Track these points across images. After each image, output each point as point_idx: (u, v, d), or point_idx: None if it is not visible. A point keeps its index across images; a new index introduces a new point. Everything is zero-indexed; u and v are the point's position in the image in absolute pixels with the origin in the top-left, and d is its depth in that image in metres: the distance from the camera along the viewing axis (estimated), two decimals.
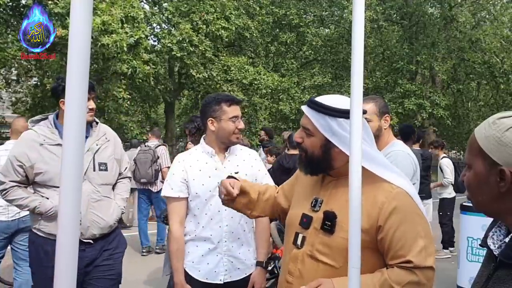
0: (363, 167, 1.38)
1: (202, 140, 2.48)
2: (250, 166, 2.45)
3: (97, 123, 2.71)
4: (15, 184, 2.56)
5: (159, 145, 6.81)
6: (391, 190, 1.53)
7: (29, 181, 2.59)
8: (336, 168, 1.62)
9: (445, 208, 7.45)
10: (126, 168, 2.83)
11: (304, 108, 1.63)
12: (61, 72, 11.41)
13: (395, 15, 20.86)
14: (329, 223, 1.53)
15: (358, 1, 1.05)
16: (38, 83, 13.78)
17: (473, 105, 22.79)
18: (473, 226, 5.14)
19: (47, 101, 12.86)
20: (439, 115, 18.09)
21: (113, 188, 2.75)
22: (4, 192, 2.57)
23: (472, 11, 19.64)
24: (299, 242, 1.60)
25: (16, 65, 12.66)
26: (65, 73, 0.80)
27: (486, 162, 1.01)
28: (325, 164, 1.61)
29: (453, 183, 7.26)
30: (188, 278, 2.37)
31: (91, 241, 2.56)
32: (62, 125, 2.46)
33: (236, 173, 2.34)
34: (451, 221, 7.43)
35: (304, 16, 20.35)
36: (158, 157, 6.60)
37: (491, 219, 1.16)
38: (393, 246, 1.48)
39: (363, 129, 1.47)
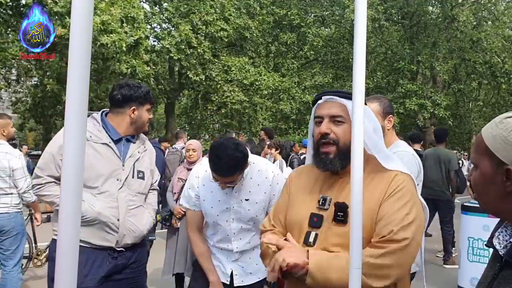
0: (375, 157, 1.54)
1: None
2: (263, 192, 2.31)
3: None
4: (52, 180, 2.46)
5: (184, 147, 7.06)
6: (399, 175, 1.59)
7: None
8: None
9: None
10: (156, 180, 2.74)
11: (331, 97, 1.63)
12: (61, 72, 11.42)
13: (396, 15, 20.85)
14: (342, 213, 1.54)
15: (360, 1, 1.04)
16: (38, 83, 13.78)
17: (474, 105, 22.77)
18: (474, 226, 5.14)
19: (47, 101, 12.87)
20: (440, 115, 18.08)
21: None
22: (39, 186, 2.46)
23: (473, 11, 19.63)
24: (311, 239, 1.58)
25: (16, 65, 12.67)
26: (66, 73, 0.79)
27: (493, 162, 1.01)
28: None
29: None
30: (203, 273, 2.43)
31: (123, 249, 2.45)
32: (115, 127, 2.47)
33: (247, 200, 2.28)
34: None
35: (305, 16, 20.35)
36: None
37: (492, 220, 1.16)
38: (383, 221, 1.50)
39: (371, 120, 1.61)
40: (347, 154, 1.48)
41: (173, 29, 16.21)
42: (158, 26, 16.95)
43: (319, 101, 1.67)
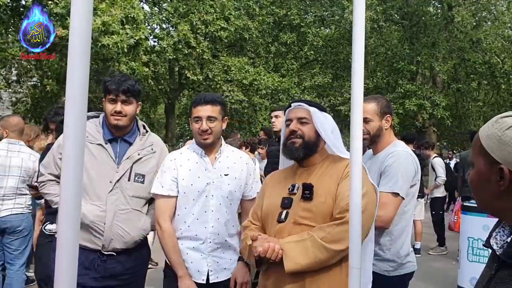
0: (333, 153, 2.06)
1: (194, 140, 2.47)
2: (240, 169, 2.45)
3: (146, 131, 2.56)
4: (53, 178, 2.45)
5: None
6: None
7: None
8: (316, 154, 2.07)
9: (437, 207, 7.55)
10: None
11: (298, 104, 2.11)
12: (61, 72, 11.42)
13: (395, 15, 20.84)
14: (308, 191, 1.95)
15: (359, 2, 1.05)
16: (38, 84, 13.78)
17: (474, 105, 22.74)
18: (474, 226, 5.14)
19: (46, 101, 12.87)
20: (439, 116, 18.07)
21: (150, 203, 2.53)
22: (42, 184, 2.48)
23: (472, 11, 19.62)
24: (283, 217, 1.96)
25: (16, 65, 12.66)
26: (66, 73, 0.80)
27: (487, 161, 1.02)
28: (314, 147, 2.05)
29: (444, 181, 7.46)
30: (174, 275, 2.34)
31: (113, 253, 2.37)
32: (108, 126, 2.42)
33: (226, 175, 2.39)
34: (443, 220, 7.52)
35: (305, 16, 20.34)
36: None
37: (491, 220, 1.16)
38: (339, 197, 1.91)
39: (330, 124, 2.08)
40: (310, 146, 2.03)
41: (172, 29, 16.20)
42: (158, 27, 16.95)
43: (289, 108, 2.13)
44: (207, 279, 2.34)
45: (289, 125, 2.09)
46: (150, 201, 2.51)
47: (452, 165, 13.63)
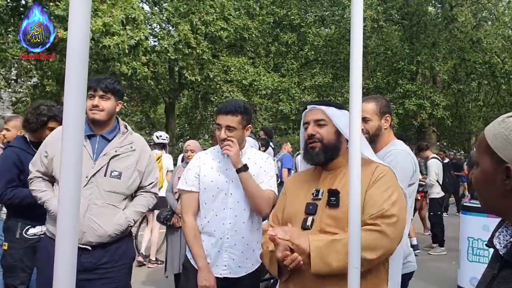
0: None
1: None
2: (259, 167, 2.54)
3: (127, 130, 2.64)
4: (40, 175, 2.52)
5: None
6: (379, 166, 1.91)
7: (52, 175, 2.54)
8: (339, 157, 1.95)
9: (435, 208, 7.70)
10: (151, 183, 2.67)
11: (313, 106, 2.00)
12: (61, 73, 11.41)
13: (396, 15, 20.84)
14: (334, 198, 1.83)
15: (357, 1, 1.05)
16: (38, 84, 13.78)
17: (474, 105, 22.74)
18: (473, 226, 5.14)
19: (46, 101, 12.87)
20: (439, 116, 18.06)
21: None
22: (30, 181, 2.54)
23: (473, 11, 19.61)
24: (308, 223, 1.84)
25: (16, 65, 12.67)
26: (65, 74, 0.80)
27: (493, 160, 1.02)
28: (336, 150, 1.94)
29: (438, 183, 7.65)
30: (193, 269, 2.45)
31: (88, 247, 2.42)
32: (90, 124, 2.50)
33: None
34: (442, 220, 7.68)
35: (305, 16, 20.33)
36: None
37: (491, 219, 1.16)
38: (369, 203, 1.76)
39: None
40: (330, 149, 1.92)
41: (173, 29, 16.20)
42: (158, 26, 16.95)
43: (305, 111, 2.04)
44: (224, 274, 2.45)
45: (307, 129, 1.98)
46: (131, 197, 2.61)
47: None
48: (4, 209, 3.92)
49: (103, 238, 2.45)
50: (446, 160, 10.83)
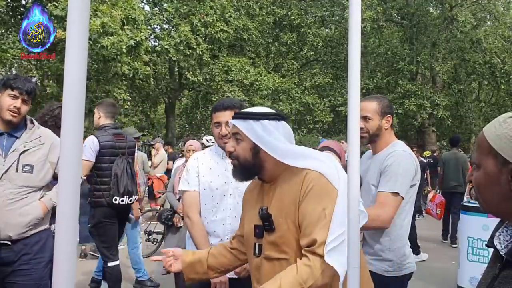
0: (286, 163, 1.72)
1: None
2: None
3: (34, 125, 2.71)
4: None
5: None
6: (308, 173, 1.69)
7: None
8: (267, 171, 1.76)
9: (415, 211, 7.48)
10: None
11: (231, 121, 1.81)
12: (61, 73, 11.41)
13: (396, 15, 20.84)
14: (267, 222, 1.68)
15: (355, 1, 1.05)
16: (38, 84, 13.78)
17: (474, 105, 22.74)
18: (473, 226, 5.14)
19: (46, 101, 12.88)
20: (439, 116, 18.06)
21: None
22: None
23: (473, 11, 19.61)
24: (257, 251, 1.75)
25: (16, 65, 12.68)
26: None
27: (497, 161, 1.01)
28: (257, 167, 1.76)
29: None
30: None
31: (8, 242, 2.50)
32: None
33: None
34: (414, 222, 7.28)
35: (305, 16, 20.34)
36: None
37: (491, 219, 1.16)
38: (304, 224, 1.62)
39: (279, 129, 1.76)
40: (247, 167, 1.75)
41: (173, 29, 16.21)
42: (158, 27, 16.96)
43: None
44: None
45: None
46: (47, 188, 2.69)
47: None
48: None
49: (23, 233, 2.54)
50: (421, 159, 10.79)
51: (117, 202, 3.98)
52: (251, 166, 1.76)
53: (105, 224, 4.00)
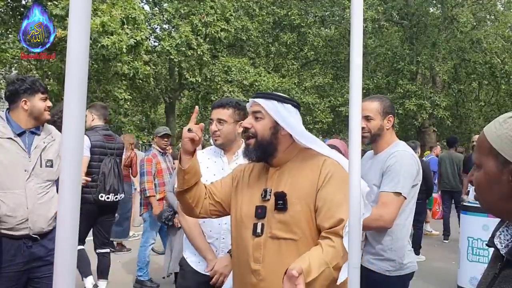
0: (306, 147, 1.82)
1: None
2: None
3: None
4: None
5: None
6: (326, 160, 1.79)
7: None
8: (279, 154, 1.83)
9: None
10: None
11: (252, 99, 1.87)
12: (61, 72, 11.41)
13: (396, 15, 20.84)
14: (281, 201, 1.73)
15: (356, 1, 1.05)
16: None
17: (475, 105, 22.73)
18: (473, 226, 5.14)
19: None
20: (440, 116, 18.07)
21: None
22: None
23: (473, 11, 19.59)
24: (259, 230, 1.77)
25: (16, 65, 12.67)
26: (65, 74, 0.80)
27: (498, 161, 1.01)
28: (272, 147, 1.81)
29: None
30: (189, 269, 2.47)
31: (37, 237, 2.65)
32: (16, 122, 2.67)
33: None
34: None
35: (305, 16, 20.34)
36: None
37: (491, 219, 1.16)
38: (325, 207, 1.68)
39: (298, 115, 1.86)
40: (265, 145, 1.79)
41: (173, 29, 16.21)
42: (158, 27, 16.95)
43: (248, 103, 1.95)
44: None
45: None
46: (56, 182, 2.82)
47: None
48: None
49: (51, 225, 2.71)
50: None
51: (102, 199, 4.28)
52: (267, 145, 1.80)
53: (81, 218, 4.20)
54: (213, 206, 1.97)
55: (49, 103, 2.76)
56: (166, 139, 5.31)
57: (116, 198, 4.38)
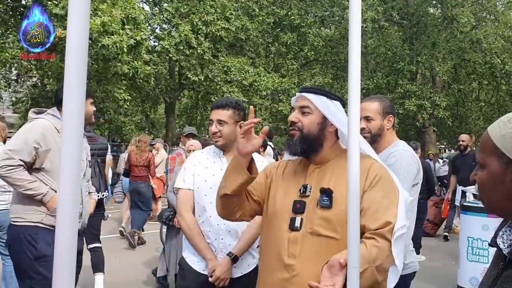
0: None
1: None
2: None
3: None
4: (23, 163, 2.58)
5: None
6: (374, 163, 1.78)
7: (31, 166, 2.64)
8: (323, 151, 1.81)
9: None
10: None
11: (300, 94, 1.85)
12: (61, 72, 11.41)
13: (396, 15, 20.84)
14: (327, 198, 1.69)
15: (355, 2, 1.05)
16: (38, 83, 13.77)
17: (475, 105, 22.73)
18: (473, 226, 5.14)
19: (46, 101, 12.88)
20: (440, 116, 18.07)
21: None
22: (10, 168, 2.54)
23: (472, 11, 19.59)
24: (297, 224, 1.72)
25: (16, 64, 12.68)
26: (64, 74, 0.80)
27: (502, 161, 1.01)
28: (317, 142, 1.79)
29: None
30: (188, 268, 2.46)
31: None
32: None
33: None
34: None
35: (305, 16, 20.34)
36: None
37: (491, 219, 1.16)
38: (371, 209, 1.66)
39: (342, 113, 1.81)
40: (310, 140, 1.77)
41: (173, 29, 16.22)
42: (158, 27, 16.96)
43: (294, 97, 1.91)
44: None
45: None
46: None
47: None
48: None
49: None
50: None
51: None
52: (313, 139, 1.78)
53: None
54: (251, 207, 1.92)
55: (94, 108, 2.95)
56: (191, 139, 5.46)
57: (97, 196, 4.48)
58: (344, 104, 1.84)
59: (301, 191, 1.76)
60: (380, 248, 1.59)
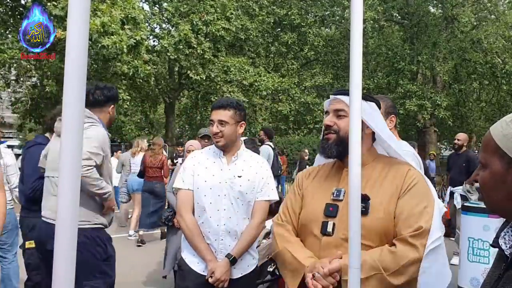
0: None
1: None
2: (255, 172, 2.50)
3: None
4: (96, 165, 2.73)
5: None
6: (410, 170, 1.75)
7: None
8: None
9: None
10: None
11: (335, 96, 1.82)
12: (61, 73, 11.40)
13: (396, 15, 20.84)
14: (363, 204, 1.58)
15: (356, 2, 1.04)
16: (38, 83, 13.76)
17: (475, 105, 22.74)
18: (474, 227, 5.13)
19: (45, 101, 12.88)
20: (440, 116, 18.06)
21: None
22: (89, 169, 2.67)
23: (473, 10, 19.59)
24: (329, 229, 1.66)
25: (15, 65, 12.67)
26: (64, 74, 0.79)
27: (504, 161, 1.00)
28: None
29: None
30: (188, 269, 2.44)
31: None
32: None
33: (239, 177, 2.44)
34: None
35: (306, 16, 20.34)
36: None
37: (492, 220, 1.16)
38: (404, 215, 1.62)
39: (379, 115, 1.82)
40: (346, 142, 1.63)
41: (173, 29, 16.22)
42: (158, 26, 16.97)
43: (328, 100, 1.86)
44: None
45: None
46: None
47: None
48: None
49: None
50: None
51: None
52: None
53: None
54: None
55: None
56: (206, 140, 5.37)
57: None
58: (380, 106, 1.86)
59: (334, 195, 1.72)
60: (396, 254, 1.55)
